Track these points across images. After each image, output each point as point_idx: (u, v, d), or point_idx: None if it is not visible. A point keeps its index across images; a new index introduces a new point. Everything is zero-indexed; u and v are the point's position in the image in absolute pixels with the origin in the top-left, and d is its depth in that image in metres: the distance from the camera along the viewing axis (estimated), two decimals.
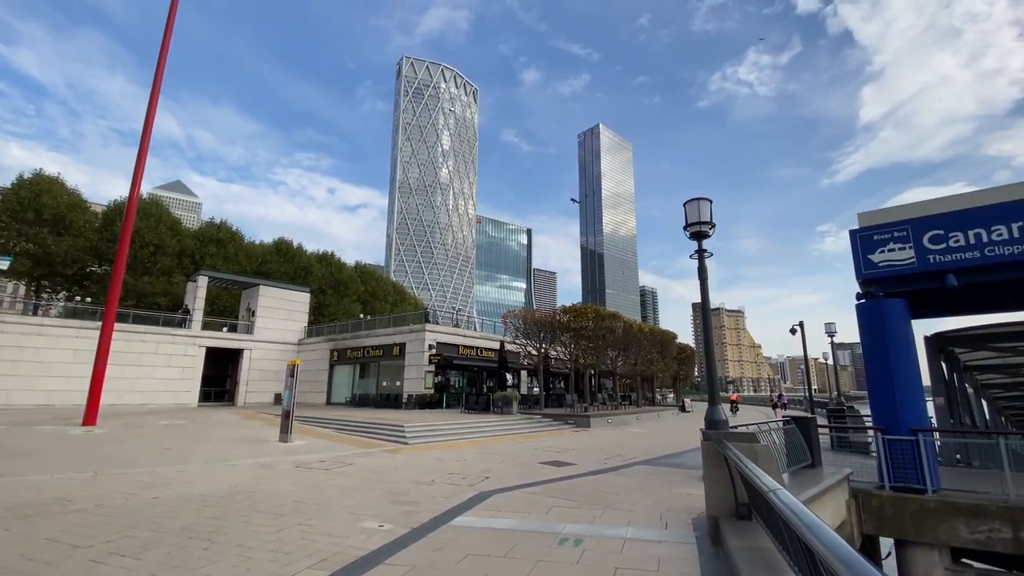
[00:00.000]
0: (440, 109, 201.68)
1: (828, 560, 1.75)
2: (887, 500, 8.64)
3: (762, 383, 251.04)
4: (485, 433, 18.23)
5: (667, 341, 40.68)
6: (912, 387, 9.58)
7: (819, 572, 2.35)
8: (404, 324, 31.26)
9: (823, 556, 1.81)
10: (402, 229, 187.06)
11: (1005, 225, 8.65)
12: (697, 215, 7.31)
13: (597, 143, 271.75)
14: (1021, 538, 7.40)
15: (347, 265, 54.26)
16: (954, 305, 11.76)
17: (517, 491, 8.45)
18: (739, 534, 4.97)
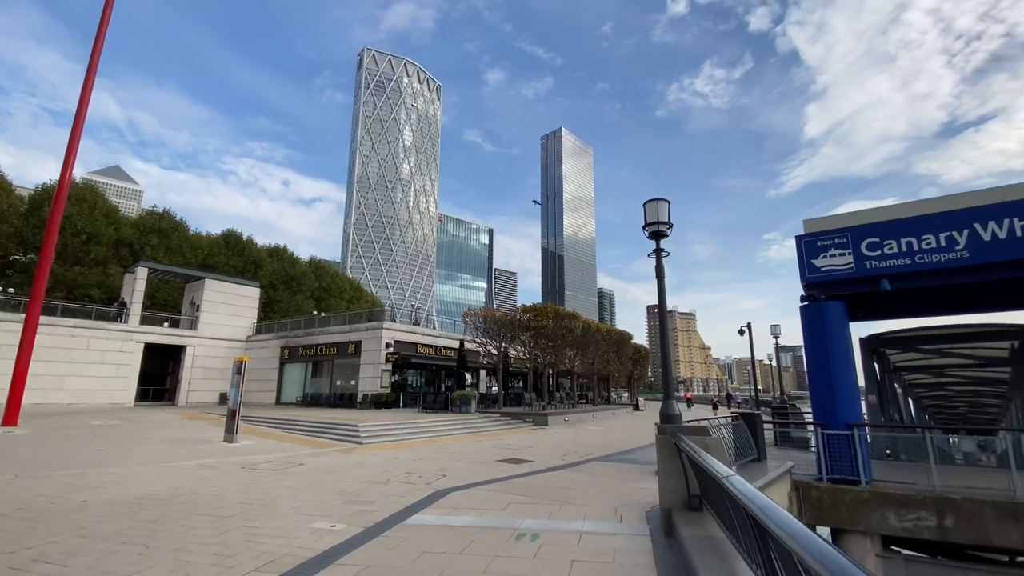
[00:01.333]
0: (402, 104, 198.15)
1: (781, 537, 1.80)
2: (825, 491, 9.15)
3: (711, 383, 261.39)
4: (442, 432, 18.02)
5: (623, 341, 41.64)
6: (849, 385, 10.19)
7: (770, 554, 2.43)
8: (361, 322, 30.49)
9: (777, 534, 1.86)
10: (360, 225, 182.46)
11: (934, 235, 9.35)
12: (656, 215, 7.50)
13: (559, 146, 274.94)
14: (945, 526, 8.02)
15: (301, 260, 52.39)
16: (888, 309, 12.62)
17: (474, 488, 8.38)
18: (691, 525, 5.11)
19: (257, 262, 45.39)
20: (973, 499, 7.92)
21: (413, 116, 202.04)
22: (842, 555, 1.49)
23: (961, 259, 9.12)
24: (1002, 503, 7.72)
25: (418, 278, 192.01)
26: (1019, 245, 8.63)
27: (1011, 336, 12.91)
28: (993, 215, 8.87)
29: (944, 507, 8.05)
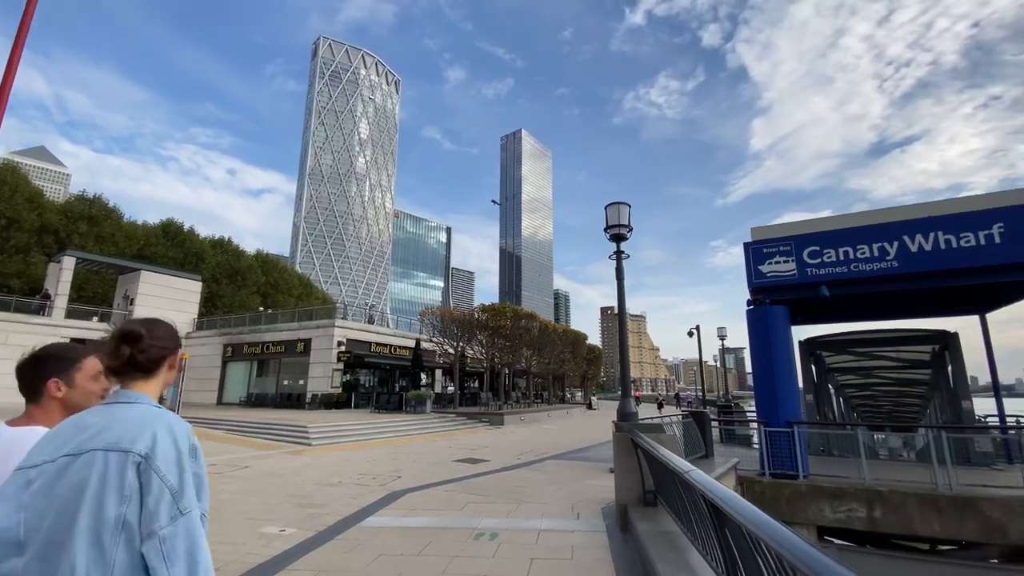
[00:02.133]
0: (359, 96, 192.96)
1: (748, 526, 1.86)
2: (767, 486, 9.65)
3: (659, 383, 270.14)
4: (397, 432, 17.67)
5: (579, 342, 42.35)
6: (790, 385, 10.81)
7: (729, 544, 2.52)
8: (311, 319, 29.43)
9: (744, 524, 1.93)
10: (311, 218, 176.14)
11: (868, 245, 10.06)
12: (617, 218, 7.66)
13: (519, 148, 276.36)
14: (874, 517, 8.64)
15: (247, 253, 49.96)
16: (826, 314, 13.48)
17: (431, 489, 8.26)
18: (646, 519, 5.24)
19: (199, 254, 42.90)
20: (899, 491, 8.58)
21: (370, 109, 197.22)
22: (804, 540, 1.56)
23: (891, 268, 9.88)
24: (924, 495, 8.40)
25: (372, 275, 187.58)
26: (941, 257, 9.45)
27: (932, 340, 14.11)
28: (920, 229, 9.67)
29: (873, 499, 8.68)
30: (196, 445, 1.29)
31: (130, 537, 1.09)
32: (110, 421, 1.20)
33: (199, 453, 1.29)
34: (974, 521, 8.07)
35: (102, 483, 1.10)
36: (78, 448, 1.15)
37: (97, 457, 1.13)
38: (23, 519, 1.10)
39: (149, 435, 1.18)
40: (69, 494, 1.10)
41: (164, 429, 1.22)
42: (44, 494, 1.11)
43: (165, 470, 1.16)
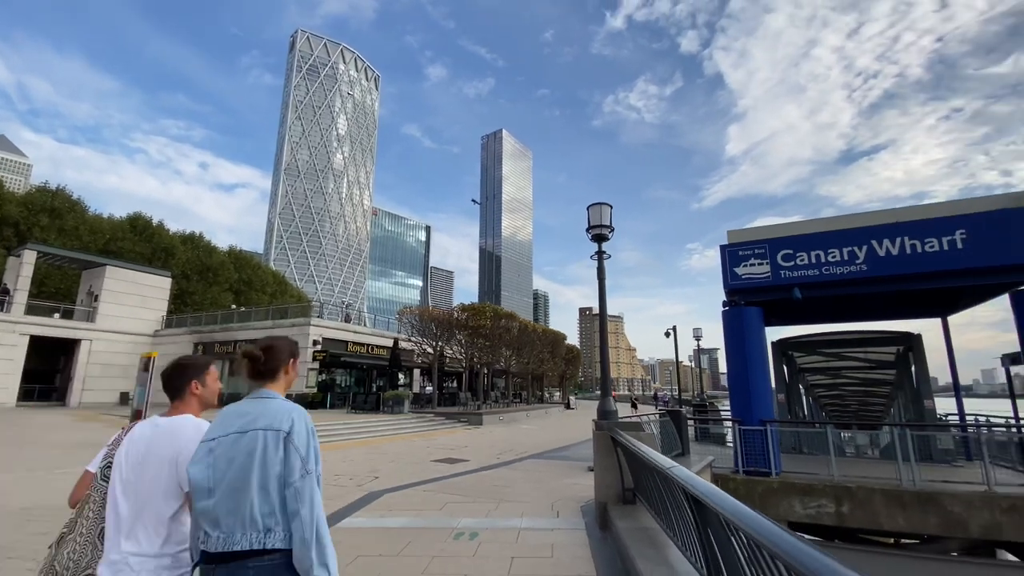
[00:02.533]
0: (337, 91, 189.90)
1: (727, 517, 1.90)
2: (741, 483, 9.86)
3: (635, 383, 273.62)
4: (374, 433, 17.47)
5: (558, 342, 42.58)
6: (764, 385, 11.08)
7: (711, 539, 2.56)
8: (285, 317, 28.86)
9: (723, 515, 1.96)
10: (287, 215, 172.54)
11: (839, 249, 10.39)
12: (599, 218, 7.72)
13: (500, 147, 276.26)
14: (842, 512, 8.93)
15: (219, 249, 48.60)
16: (798, 315, 13.85)
17: (409, 489, 8.19)
18: (626, 517, 5.29)
19: (168, 249, 41.56)
20: (866, 487, 8.88)
21: (349, 104, 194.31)
22: (783, 529, 1.60)
23: (860, 272, 10.22)
24: (890, 491, 8.72)
25: (349, 273, 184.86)
26: (907, 261, 9.82)
27: (897, 342, 14.66)
28: (887, 234, 10.03)
29: (841, 495, 8.97)
30: (313, 427, 1.80)
31: (281, 485, 1.64)
32: (262, 410, 1.76)
33: (315, 432, 1.80)
34: (936, 516, 8.41)
35: (264, 451, 1.66)
36: (244, 428, 1.71)
37: (259, 434, 1.68)
38: (210, 474, 1.65)
39: (288, 420, 1.73)
40: (242, 457, 1.65)
41: (297, 416, 1.77)
42: (223, 457, 1.67)
43: (299, 443, 1.70)
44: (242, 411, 1.78)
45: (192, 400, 2.17)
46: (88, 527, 1.92)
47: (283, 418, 1.73)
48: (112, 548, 1.78)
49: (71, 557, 1.86)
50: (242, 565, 1.59)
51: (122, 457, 1.92)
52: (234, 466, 1.65)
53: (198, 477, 1.66)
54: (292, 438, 1.70)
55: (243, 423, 1.73)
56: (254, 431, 1.70)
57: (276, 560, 1.60)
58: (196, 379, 2.19)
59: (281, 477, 1.65)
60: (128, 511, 1.81)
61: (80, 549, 1.88)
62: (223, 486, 1.64)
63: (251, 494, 1.62)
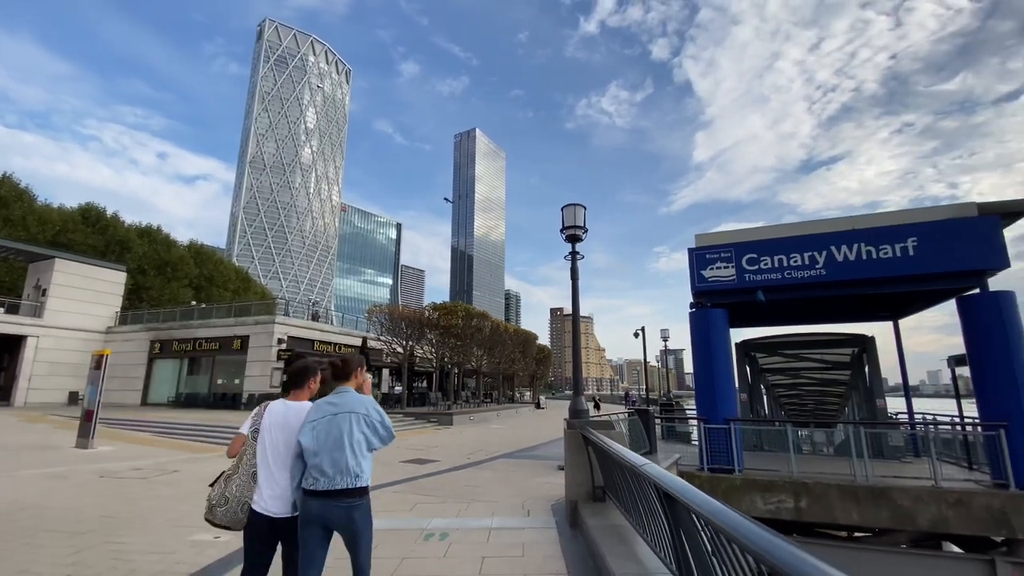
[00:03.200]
0: (306, 83, 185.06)
1: (703, 514, 1.93)
2: (705, 480, 10.10)
3: (604, 382, 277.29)
4: None
5: (529, 342, 42.71)
6: (728, 384, 11.38)
7: (678, 534, 2.60)
8: (249, 315, 27.94)
9: (696, 510, 1.99)
10: (251, 209, 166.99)
11: (800, 254, 10.79)
12: (573, 219, 7.77)
13: (473, 146, 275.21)
14: (800, 507, 9.26)
15: (178, 243, 46.58)
16: (761, 317, 14.30)
17: (378, 490, 8.04)
18: (596, 515, 5.34)
19: (123, 243, 39.58)
20: (822, 483, 9.25)
21: (318, 98, 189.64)
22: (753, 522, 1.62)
23: (820, 276, 10.64)
24: (844, 486, 9.11)
25: (316, 270, 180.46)
26: (863, 266, 10.29)
27: (853, 344, 15.33)
28: (845, 240, 10.48)
29: (800, 491, 9.31)
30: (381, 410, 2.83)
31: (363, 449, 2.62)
32: (346, 400, 2.73)
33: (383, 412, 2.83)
34: (887, 510, 8.83)
35: (350, 426, 2.61)
36: (336, 411, 2.66)
37: (348, 416, 2.64)
38: (315, 442, 2.56)
39: (363, 406, 2.73)
40: (336, 430, 2.58)
41: (369, 404, 2.77)
42: (323, 430, 2.59)
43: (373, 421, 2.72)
44: (331, 401, 2.78)
45: (307, 391, 3.04)
46: (246, 470, 2.85)
47: (360, 405, 2.78)
48: (264, 484, 2.72)
49: (238, 488, 2.81)
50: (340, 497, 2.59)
51: (267, 425, 2.82)
52: (331, 436, 2.62)
53: (307, 443, 2.63)
54: (368, 418, 2.75)
55: (334, 409, 2.71)
56: (343, 414, 2.70)
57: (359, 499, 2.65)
58: (312, 378, 3.08)
59: (361, 443, 2.68)
60: (272, 460, 2.74)
61: (243, 484, 2.82)
62: (325, 449, 2.60)
63: (345, 453, 2.60)
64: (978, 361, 9.53)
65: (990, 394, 9.28)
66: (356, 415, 2.70)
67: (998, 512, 8.38)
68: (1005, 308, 9.28)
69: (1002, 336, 9.14)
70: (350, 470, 2.58)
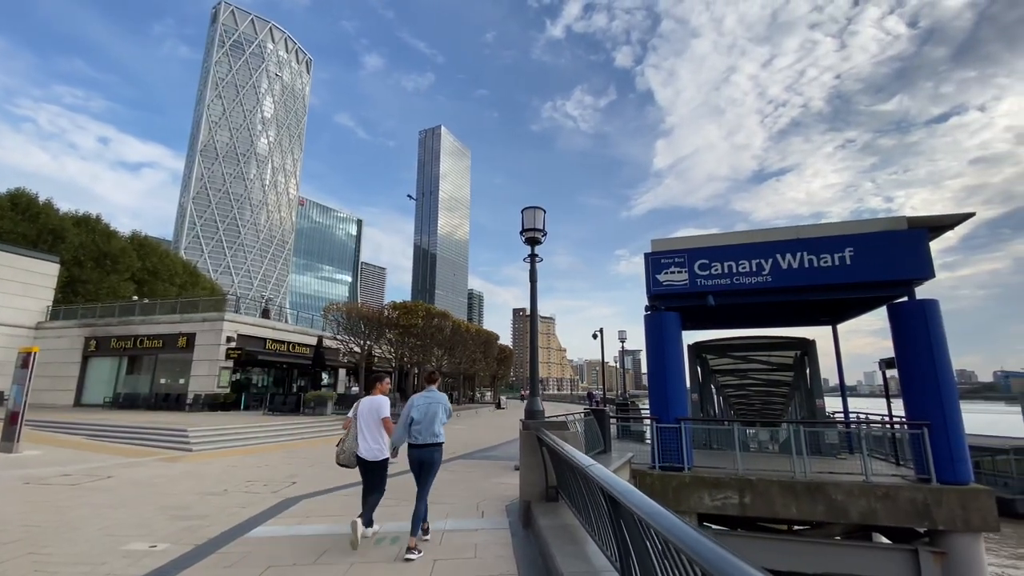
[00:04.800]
0: (264, 71, 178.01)
1: (638, 514, 2.00)
2: (656, 478, 10.41)
3: (564, 382, 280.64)
4: (294, 436, 16.59)
5: (490, 342, 42.70)
6: (680, 385, 11.76)
7: (623, 533, 2.68)
8: (196, 311, 26.64)
9: (635, 512, 2.06)
10: (201, 200, 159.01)
11: (748, 261, 11.27)
12: (533, 222, 7.85)
13: (438, 144, 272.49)
14: (745, 503, 9.68)
15: (119, 234, 43.75)
16: (711, 320, 14.85)
17: (330, 494, 7.86)
18: (548, 514, 5.41)
19: (57, 232, 36.86)
20: (765, 479, 9.70)
21: (277, 87, 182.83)
22: (689, 525, 1.70)
23: (766, 282, 11.16)
24: (785, 482, 9.59)
25: (270, 266, 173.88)
26: (805, 274, 10.87)
27: (796, 347, 16.18)
28: (789, 249, 11.04)
29: (744, 487, 9.73)
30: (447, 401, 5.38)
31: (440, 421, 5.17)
32: (434, 395, 5.28)
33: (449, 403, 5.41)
34: (823, 504, 9.36)
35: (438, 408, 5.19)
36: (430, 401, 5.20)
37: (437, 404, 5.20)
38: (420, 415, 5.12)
39: (444, 399, 5.32)
40: (431, 409, 5.15)
41: (444, 398, 5.33)
42: (423, 409, 5.15)
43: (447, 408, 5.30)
44: (426, 395, 5.23)
45: (378, 390, 5.46)
46: (353, 434, 5.24)
47: (441, 398, 5.24)
48: (360, 442, 5.12)
49: (348, 445, 5.27)
50: (430, 447, 5.03)
51: (361, 411, 5.23)
52: (428, 414, 5.06)
53: (417, 417, 5.06)
54: (445, 405, 5.23)
55: (431, 399, 5.18)
56: (435, 402, 5.16)
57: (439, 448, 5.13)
58: (380, 382, 5.62)
59: (442, 419, 5.13)
60: (365, 429, 5.12)
61: (351, 442, 5.25)
62: (424, 420, 5.04)
63: (435, 423, 5.05)
64: (905, 364, 10.24)
65: (915, 395, 9.99)
66: (441, 404, 5.23)
67: (921, 505, 9.04)
68: (930, 315, 10.02)
69: (926, 341, 9.86)
70: (437, 434, 5.12)
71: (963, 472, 9.26)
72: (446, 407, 5.21)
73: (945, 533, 8.97)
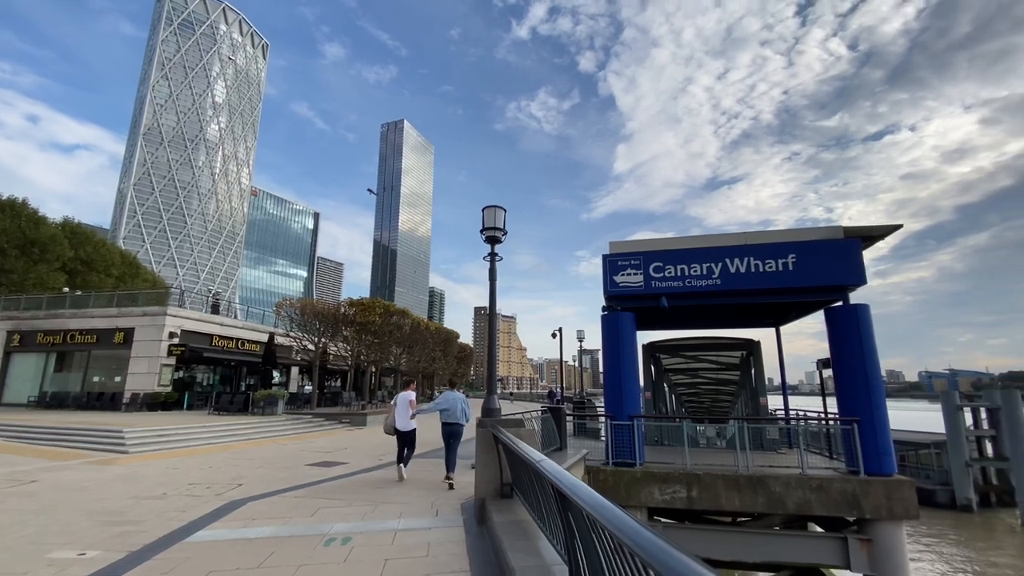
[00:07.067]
0: (216, 53, 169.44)
1: (585, 508, 2.06)
2: (610, 473, 10.68)
3: (524, 381, 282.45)
4: (241, 436, 15.93)
5: (451, 340, 42.41)
6: (634, 383, 12.11)
7: (571, 526, 2.75)
8: (135, 304, 25.13)
9: (581, 506, 2.12)
10: (144, 186, 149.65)
11: (700, 264, 11.75)
12: (493, 221, 7.87)
13: (400, 138, 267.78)
14: (692, 496, 10.08)
15: (49, 220, 40.42)
16: (665, 321, 15.34)
17: (277, 496, 7.61)
18: (502, 511, 5.46)
19: None
20: (711, 474, 10.14)
21: (230, 71, 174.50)
22: (633, 519, 1.77)
23: (716, 285, 11.67)
24: (729, 476, 10.06)
25: (219, 258, 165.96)
26: (752, 278, 11.44)
27: (742, 347, 16.98)
28: (738, 254, 11.59)
29: (692, 481, 10.14)
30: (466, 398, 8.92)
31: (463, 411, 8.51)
32: (456, 394, 8.72)
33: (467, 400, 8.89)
34: (763, 496, 9.88)
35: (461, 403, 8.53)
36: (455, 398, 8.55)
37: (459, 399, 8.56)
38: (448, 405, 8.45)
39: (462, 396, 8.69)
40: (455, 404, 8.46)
41: (462, 396, 8.72)
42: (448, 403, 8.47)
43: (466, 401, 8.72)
44: (451, 393, 8.67)
45: (410, 390, 9.35)
46: (393, 415, 8.95)
47: (460, 395, 8.67)
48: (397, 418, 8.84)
49: (389, 420, 9.02)
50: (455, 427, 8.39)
51: (398, 400, 9.01)
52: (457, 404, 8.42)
53: (445, 406, 8.43)
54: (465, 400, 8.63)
55: (454, 397, 8.54)
56: (457, 398, 8.53)
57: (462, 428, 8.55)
58: (412, 384, 10.18)
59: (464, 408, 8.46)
60: (399, 412, 8.85)
61: (391, 421, 8.98)
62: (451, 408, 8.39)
63: (458, 410, 8.39)
64: (838, 364, 10.95)
65: (847, 393, 10.70)
66: (463, 400, 8.50)
67: (851, 495, 9.69)
68: (861, 319, 10.75)
69: (858, 343, 10.58)
70: (463, 415, 8.39)
71: (888, 464, 9.99)
72: (466, 401, 8.62)
73: (872, 521, 9.65)
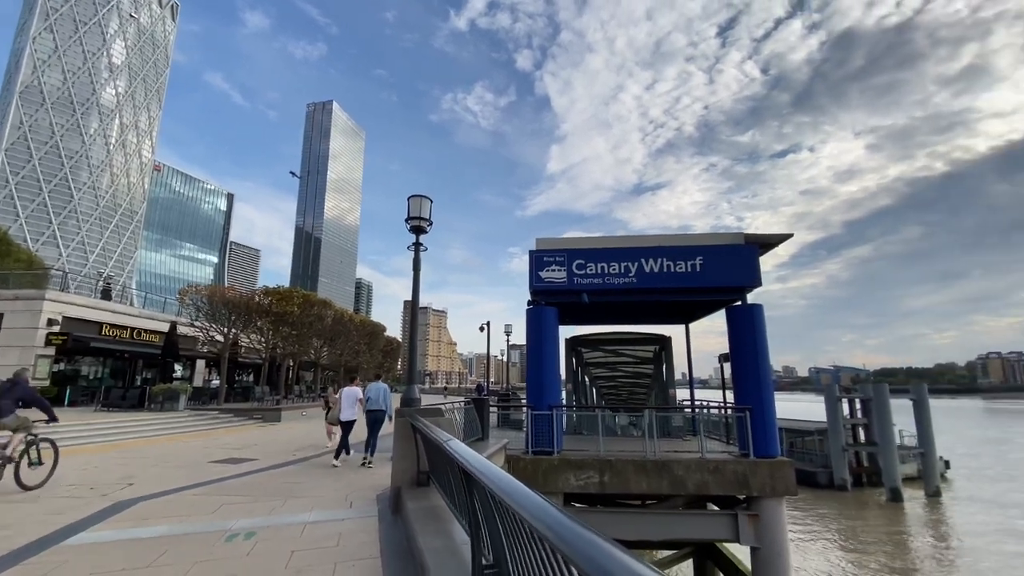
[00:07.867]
0: (115, 9, 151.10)
1: (486, 484, 2.18)
2: (529, 462, 11.02)
3: (454, 376, 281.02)
4: (133, 434, 14.56)
5: (376, 333, 41.22)
6: (555, 375, 12.56)
7: (475, 505, 2.86)
8: (5, 286, 22.03)
9: (483, 483, 2.24)
10: (19, 152, 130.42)
11: (618, 263, 12.39)
12: (419, 210, 7.80)
13: (328, 120, 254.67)
14: (604, 481, 10.66)
15: None
16: (586, 316, 16.03)
17: (174, 495, 7.10)
18: (417, 498, 5.50)
19: None
20: (622, 459, 10.79)
21: (131, 29, 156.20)
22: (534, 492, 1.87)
23: (632, 283, 12.38)
24: (638, 461, 10.76)
25: (114, 238, 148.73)
26: (664, 278, 12.27)
27: (656, 342, 18.15)
28: (652, 254, 12.38)
29: (604, 467, 10.73)
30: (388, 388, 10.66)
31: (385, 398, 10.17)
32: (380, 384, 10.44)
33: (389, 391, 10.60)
34: (667, 479, 10.67)
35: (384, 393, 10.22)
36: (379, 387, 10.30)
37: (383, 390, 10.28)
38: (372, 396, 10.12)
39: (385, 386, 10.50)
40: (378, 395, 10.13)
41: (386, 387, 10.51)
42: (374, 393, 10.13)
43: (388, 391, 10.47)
44: (375, 384, 10.35)
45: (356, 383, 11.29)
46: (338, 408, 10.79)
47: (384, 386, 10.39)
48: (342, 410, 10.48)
49: (333, 413, 11.38)
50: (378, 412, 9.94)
51: (344, 395, 10.67)
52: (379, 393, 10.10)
53: (370, 396, 10.07)
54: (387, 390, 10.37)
55: (378, 386, 10.28)
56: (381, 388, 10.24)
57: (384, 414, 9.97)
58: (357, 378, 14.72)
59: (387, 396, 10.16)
60: (344, 404, 10.49)
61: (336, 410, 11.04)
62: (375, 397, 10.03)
63: (380, 398, 10.03)
64: (735, 357, 12.05)
65: (742, 384, 11.81)
66: (386, 389, 10.31)
67: (742, 476, 10.72)
68: (756, 318, 11.91)
69: (752, 339, 11.71)
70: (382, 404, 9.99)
71: (773, 448, 11.18)
72: (388, 391, 10.28)
73: (758, 499, 10.75)
